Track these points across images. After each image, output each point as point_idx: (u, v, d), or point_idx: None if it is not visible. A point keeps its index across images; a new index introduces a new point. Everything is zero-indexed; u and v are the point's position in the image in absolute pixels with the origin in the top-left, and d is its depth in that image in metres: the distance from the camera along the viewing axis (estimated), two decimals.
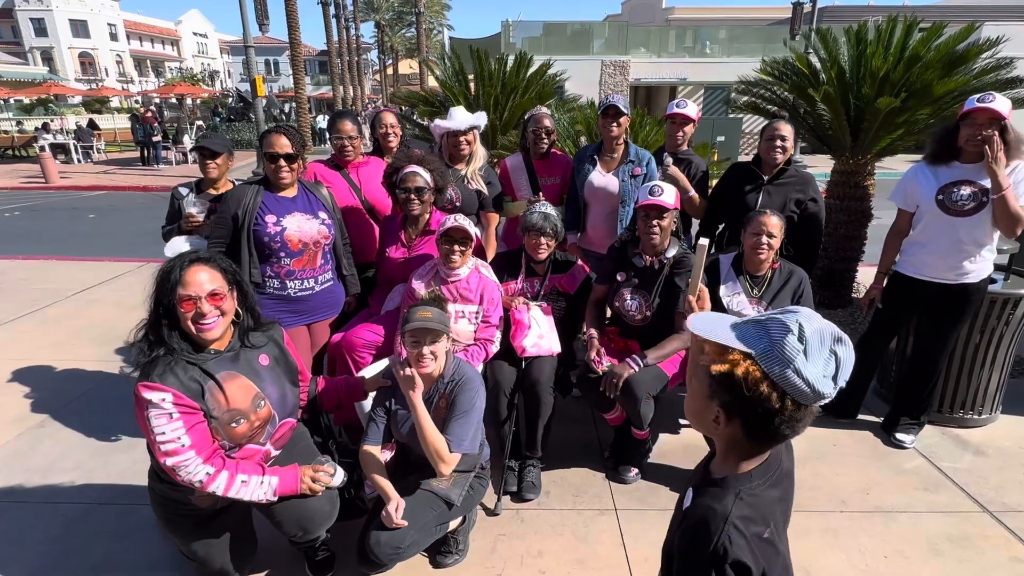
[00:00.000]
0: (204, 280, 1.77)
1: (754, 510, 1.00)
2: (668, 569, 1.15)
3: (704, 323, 1.04)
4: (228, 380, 1.83)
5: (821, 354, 0.93)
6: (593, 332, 2.76)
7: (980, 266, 2.83)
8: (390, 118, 3.49)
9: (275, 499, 1.89)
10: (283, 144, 2.57)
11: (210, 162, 3.04)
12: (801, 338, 0.93)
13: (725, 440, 1.06)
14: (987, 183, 2.63)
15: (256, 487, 1.85)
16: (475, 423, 2.18)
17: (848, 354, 0.95)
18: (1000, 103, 2.53)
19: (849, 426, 3.30)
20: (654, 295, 2.75)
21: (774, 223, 2.71)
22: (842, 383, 0.95)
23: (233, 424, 1.82)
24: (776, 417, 0.95)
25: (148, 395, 1.69)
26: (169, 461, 1.71)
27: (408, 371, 2.05)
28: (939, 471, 2.93)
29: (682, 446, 3.15)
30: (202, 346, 1.82)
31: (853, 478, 2.87)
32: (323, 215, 2.71)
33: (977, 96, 2.59)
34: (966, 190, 2.70)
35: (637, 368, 2.59)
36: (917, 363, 3.11)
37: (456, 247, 2.67)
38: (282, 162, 2.58)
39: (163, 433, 1.70)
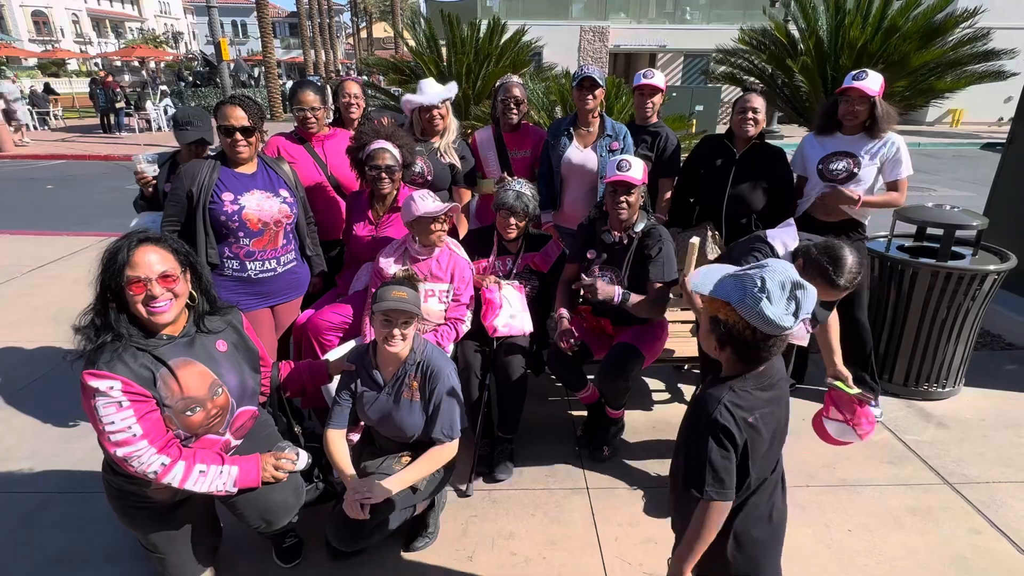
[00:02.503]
0: (154, 261, 1.68)
1: (743, 400, 1.35)
2: (675, 485, 1.53)
3: (700, 277, 1.37)
4: (182, 367, 1.74)
5: (782, 298, 1.25)
6: (563, 312, 2.72)
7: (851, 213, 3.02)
8: (353, 88, 3.33)
9: (235, 491, 1.83)
10: (238, 116, 2.42)
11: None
12: (763, 288, 1.25)
13: (725, 360, 1.41)
14: (860, 155, 2.91)
15: (215, 477, 1.79)
16: (457, 404, 2.15)
17: (808, 295, 1.27)
18: (871, 81, 2.78)
19: (818, 400, 3.34)
20: (625, 270, 2.71)
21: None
22: (805, 315, 1.26)
23: (188, 413, 1.75)
24: (752, 345, 1.31)
25: (95, 383, 1.60)
26: (120, 452, 1.64)
27: None
28: (903, 444, 2.99)
29: (653, 423, 3.16)
30: (153, 331, 1.73)
31: (820, 453, 2.90)
32: (284, 193, 2.59)
33: (853, 73, 2.86)
34: (841, 162, 2.96)
35: (618, 300, 2.57)
36: (841, 319, 3.14)
37: (437, 226, 2.59)
38: (238, 136, 2.43)
39: (112, 423, 1.62)
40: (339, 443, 2.14)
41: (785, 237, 2.29)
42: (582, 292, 2.97)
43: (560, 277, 2.92)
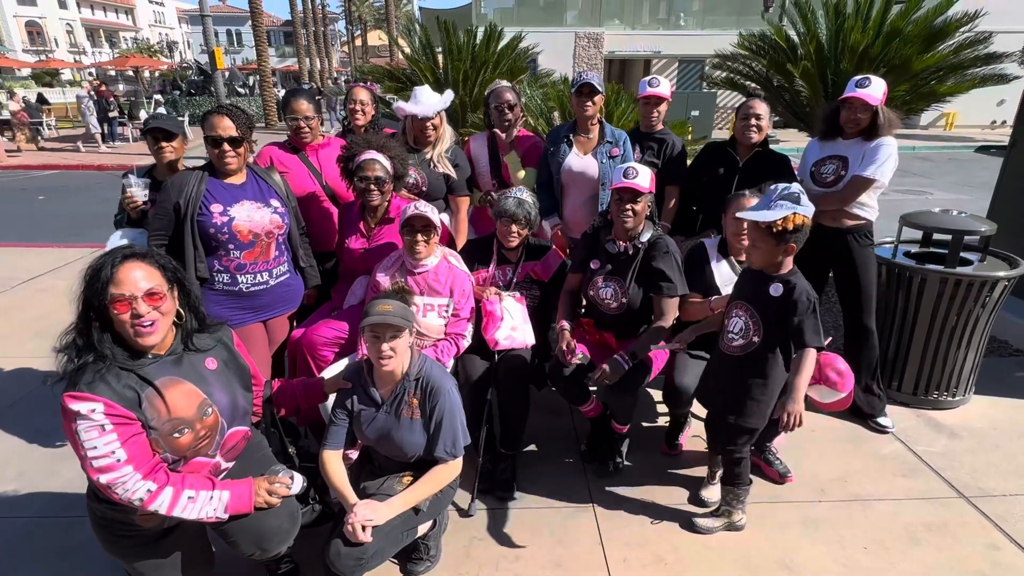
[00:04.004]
0: (139, 278, 1.59)
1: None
2: (776, 326, 2.12)
3: (755, 213, 2.03)
4: (169, 386, 1.66)
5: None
6: (565, 324, 2.64)
7: (855, 219, 2.97)
8: (362, 94, 3.26)
9: (226, 517, 1.74)
10: (226, 126, 2.35)
11: (165, 144, 2.71)
12: (803, 193, 1.99)
13: (782, 260, 2.08)
14: (850, 158, 2.87)
15: (205, 503, 1.69)
16: (459, 420, 2.07)
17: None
18: (874, 89, 2.72)
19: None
20: (629, 282, 2.63)
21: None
22: None
23: (176, 435, 1.66)
24: (806, 234, 2.02)
25: (76, 406, 1.51)
26: (103, 478, 1.55)
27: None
28: (915, 456, 2.92)
29: (659, 436, 3.07)
30: (139, 352, 1.65)
31: (831, 466, 2.84)
32: (275, 203, 2.51)
33: (856, 79, 2.77)
34: (831, 165, 2.94)
35: (627, 367, 2.48)
36: (849, 327, 3.14)
37: (419, 236, 2.50)
38: (226, 146, 2.36)
39: (95, 448, 1.53)
40: (336, 465, 2.05)
41: (712, 248, 2.75)
42: (583, 303, 2.90)
43: (562, 288, 2.84)
